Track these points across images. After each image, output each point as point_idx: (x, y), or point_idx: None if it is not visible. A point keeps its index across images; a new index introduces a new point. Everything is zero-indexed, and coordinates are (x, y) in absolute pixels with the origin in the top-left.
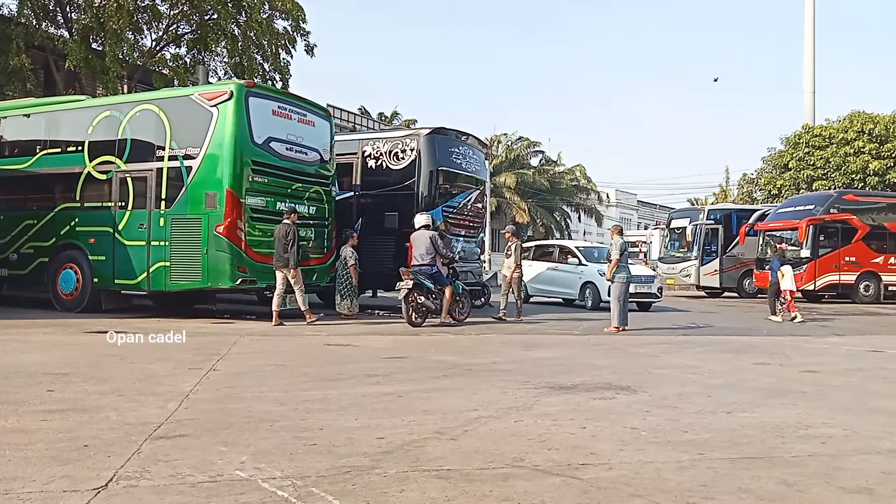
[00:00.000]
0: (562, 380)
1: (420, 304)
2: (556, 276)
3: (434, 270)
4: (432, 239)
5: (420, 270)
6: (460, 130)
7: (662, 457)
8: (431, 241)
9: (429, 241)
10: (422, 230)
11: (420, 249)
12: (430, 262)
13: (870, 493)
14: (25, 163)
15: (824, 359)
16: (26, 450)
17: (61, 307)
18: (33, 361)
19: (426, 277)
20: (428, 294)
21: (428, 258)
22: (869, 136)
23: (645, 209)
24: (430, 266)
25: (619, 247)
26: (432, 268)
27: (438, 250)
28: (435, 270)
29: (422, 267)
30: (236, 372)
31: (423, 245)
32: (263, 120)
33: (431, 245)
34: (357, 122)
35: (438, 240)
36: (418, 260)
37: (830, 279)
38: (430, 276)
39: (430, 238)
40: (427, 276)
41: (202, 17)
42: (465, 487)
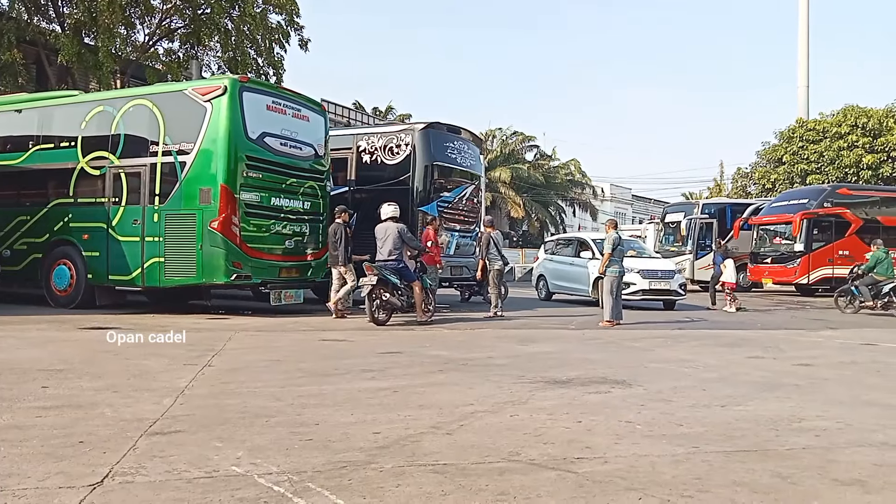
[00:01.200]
0: (557, 374)
1: (385, 301)
2: (570, 271)
3: (401, 265)
4: (400, 231)
5: (385, 265)
6: (455, 125)
7: (657, 450)
8: (399, 233)
9: (396, 234)
10: (388, 222)
11: (386, 243)
12: (397, 257)
13: (862, 484)
14: (18, 158)
15: (818, 352)
16: (21, 446)
17: (55, 303)
18: (27, 358)
19: (392, 272)
20: (394, 290)
21: (395, 252)
22: (862, 130)
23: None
24: (396, 261)
25: (611, 241)
26: (398, 262)
27: (408, 243)
28: (401, 265)
29: (387, 262)
30: (232, 367)
31: (390, 238)
32: (258, 115)
33: (399, 238)
34: (352, 116)
35: (406, 232)
36: (384, 254)
37: (824, 273)
38: (397, 270)
39: (397, 230)
40: (393, 271)
41: (195, 12)
42: (460, 482)
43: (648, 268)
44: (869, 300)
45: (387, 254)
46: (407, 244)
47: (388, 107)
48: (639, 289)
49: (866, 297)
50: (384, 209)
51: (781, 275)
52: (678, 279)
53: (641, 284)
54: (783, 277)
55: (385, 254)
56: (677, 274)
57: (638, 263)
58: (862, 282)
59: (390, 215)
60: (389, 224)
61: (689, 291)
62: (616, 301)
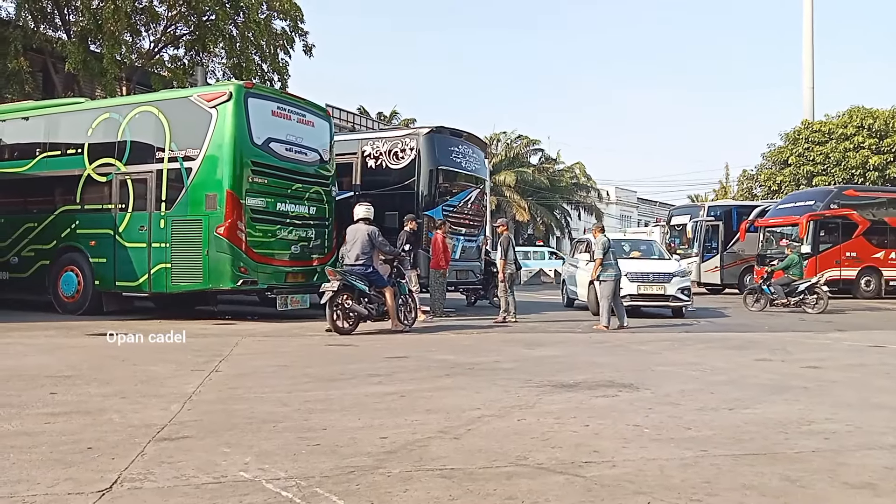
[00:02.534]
0: (564, 378)
1: (348, 309)
2: (573, 274)
3: (369, 270)
4: (370, 234)
5: (352, 270)
6: (460, 129)
7: (665, 454)
8: (369, 236)
9: (365, 237)
10: (359, 223)
11: (355, 246)
12: (365, 262)
13: (873, 488)
14: (25, 166)
15: (826, 354)
16: (30, 452)
17: (63, 310)
18: (35, 364)
19: (359, 278)
20: (361, 297)
21: (363, 257)
22: (869, 131)
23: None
24: (364, 266)
25: (601, 245)
26: (367, 267)
27: (379, 247)
28: (370, 270)
29: (354, 266)
30: (239, 373)
31: (359, 241)
32: (263, 121)
33: (368, 241)
34: (356, 121)
35: (378, 235)
36: (351, 258)
37: (831, 274)
38: (365, 276)
39: (367, 233)
40: (360, 276)
41: (200, 18)
42: (468, 486)
43: (638, 270)
44: (783, 298)
45: (354, 258)
46: (378, 248)
47: (393, 111)
48: (625, 293)
49: (780, 295)
50: (356, 209)
51: None
52: (678, 283)
53: (629, 289)
54: None
55: (352, 258)
56: (677, 277)
57: (627, 266)
58: (777, 281)
59: (361, 216)
60: (360, 226)
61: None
62: (618, 304)
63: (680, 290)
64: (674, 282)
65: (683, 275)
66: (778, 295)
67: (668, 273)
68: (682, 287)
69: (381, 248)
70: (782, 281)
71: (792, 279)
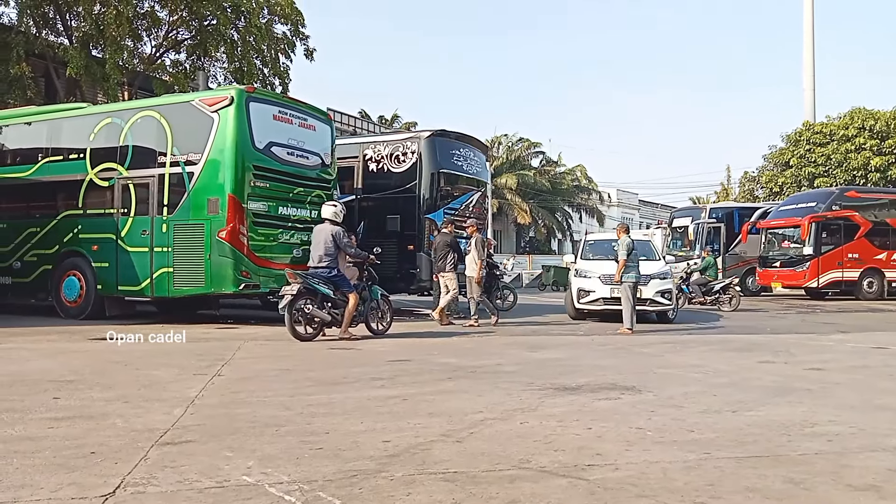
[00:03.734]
0: (566, 381)
1: (308, 314)
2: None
3: (333, 273)
4: (334, 235)
5: (316, 273)
6: (461, 132)
7: (668, 456)
8: (333, 237)
9: (329, 237)
10: (324, 224)
11: (317, 248)
12: (329, 264)
13: (877, 490)
14: (27, 171)
15: (829, 356)
16: (34, 457)
17: (65, 314)
18: (38, 369)
19: (323, 282)
20: (324, 302)
21: (326, 259)
22: (870, 133)
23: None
24: (327, 268)
25: (626, 246)
26: (331, 270)
27: (343, 248)
28: (334, 273)
29: (318, 269)
30: (241, 377)
31: (322, 242)
32: (264, 125)
33: (332, 242)
34: (357, 125)
35: (343, 236)
36: (314, 260)
37: (834, 276)
38: (329, 280)
39: (331, 234)
40: (324, 280)
41: (201, 23)
42: (471, 490)
43: (612, 272)
44: (700, 296)
45: (317, 260)
46: (342, 250)
47: (394, 115)
48: (598, 297)
49: (698, 293)
50: (322, 208)
51: (791, 279)
52: (656, 286)
53: (601, 292)
54: (792, 281)
55: (315, 260)
56: (656, 280)
57: (604, 267)
58: (695, 281)
59: (327, 216)
60: (324, 226)
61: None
62: (633, 308)
63: (659, 293)
64: (651, 285)
65: (664, 277)
66: (696, 294)
67: (645, 276)
68: (661, 290)
69: (344, 250)
70: (700, 281)
71: (708, 280)
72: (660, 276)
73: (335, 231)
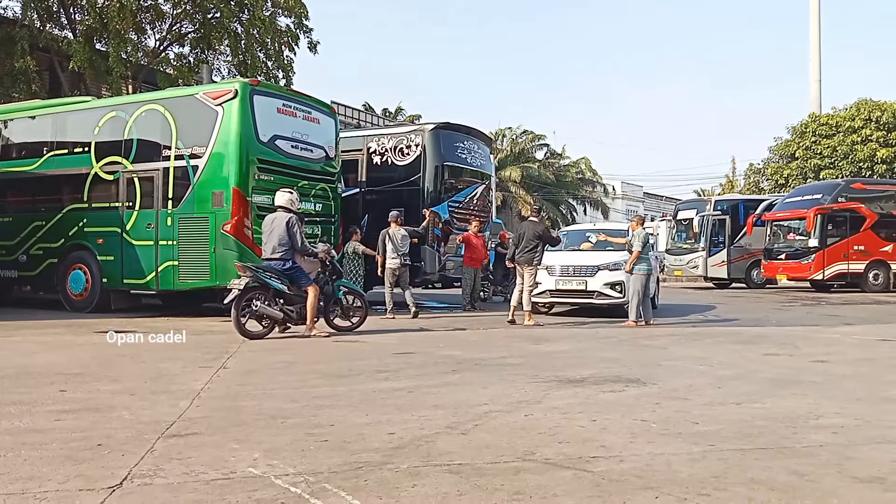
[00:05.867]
0: (571, 373)
1: (256, 311)
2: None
3: (287, 266)
4: (288, 224)
5: (269, 266)
6: (465, 125)
7: (673, 449)
8: (287, 226)
9: (282, 227)
10: (278, 212)
11: (271, 238)
12: (283, 256)
13: (882, 482)
14: (33, 164)
15: (834, 348)
16: (41, 449)
17: (71, 308)
18: (45, 362)
19: (275, 275)
20: (276, 298)
21: (280, 250)
22: (876, 124)
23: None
24: (281, 260)
25: (641, 238)
26: (285, 262)
27: (291, 238)
28: (288, 266)
29: (271, 261)
30: (247, 369)
31: (276, 231)
32: (268, 118)
33: (286, 232)
34: (361, 118)
35: (296, 225)
36: (267, 251)
37: (839, 268)
38: (283, 273)
39: (285, 223)
40: (277, 273)
41: (205, 16)
42: (476, 481)
43: (559, 263)
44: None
45: (270, 251)
46: (291, 242)
47: (398, 108)
48: (544, 289)
49: None
50: (277, 195)
51: (796, 271)
52: (605, 277)
53: (547, 283)
54: (798, 273)
55: (268, 251)
56: (604, 271)
57: (554, 258)
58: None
59: (280, 203)
60: (277, 214)
61: (702, 289)
62: (645, 301)
63: (608, 285)
64: (599, 276)
65: (616, 267)
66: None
67: (592, 266)
68: (610, 282)
69: (293, 243)
70: None
71: None
72: (611, 266)
73: (290, 219)
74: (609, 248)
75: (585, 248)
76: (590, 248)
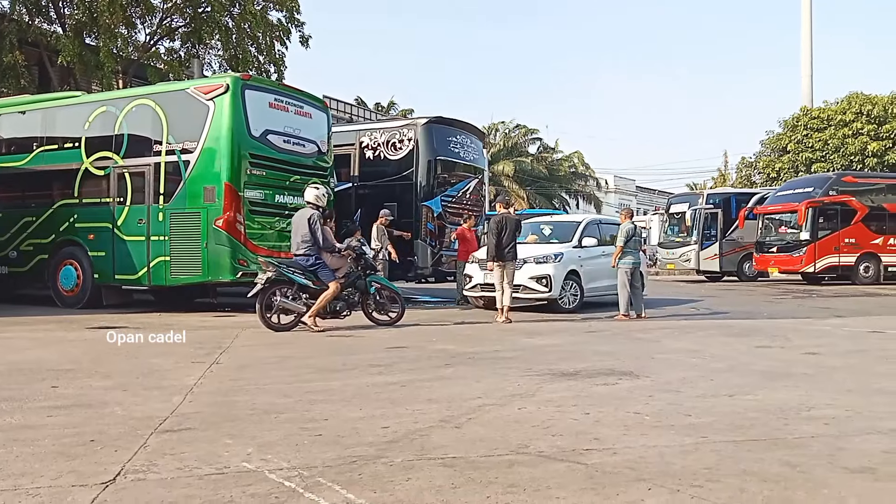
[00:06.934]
0: (564, 366)
1: (278, 305)
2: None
3: (310, 262)
4: (309, 220)
5: (295, 261)
6: (458, 119)
7: (666, 441)
8: (308, 222)
9: (305, 223)
10: (305, 208)
11: (296, 234)
12: (308, 251)
13: (872, 472)
14: (22, 160)
15: (825, 340)
16: (34, 446)
17: (62, 304)
18: (36, 358)
19: (300, 271)
20: (300, 292)
21: (304, 246)
22: (867, 118)
23: (644, 195)
24: (305, 256)
25: (625, 232)
26: (308, 258)
27: (314, 236)
28: (311, 262)
29: (297, 256)
30: (240, 365)
31: (300, 228)
32: (260, 113)
33: (308, 228)
34: (354, 112)
35: (317, 222)
36: (294, 247)
37: (830, 261)
38: (307, 268)
39: (307, 219)
40: (302, 268)
41: (195, 10)
42: (470, 475)
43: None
44: None
45: (295, 247)
46: (312, 235)
47: (391, 102)
48: (475, 283)
49: None
50: (305, 191)
51: (787, 264)
52: (530, 270)
53: (477, 278)
54: (789, 266)
55: (294, 247)
56: (530, 264)
57: (482, 251)
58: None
59: (307, 199)
60: (304, 210)
61: (695, 282)
62: (636, 292)
63: (534, 278)
64: (524, 269)
65: (544, 260)
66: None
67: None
68: (536, 275)
69: (315, 237)
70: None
71: None
72: (539, 259)
73: (310, 216)
74: (552, 241)
75: (529, 241)
76: (534, 240)
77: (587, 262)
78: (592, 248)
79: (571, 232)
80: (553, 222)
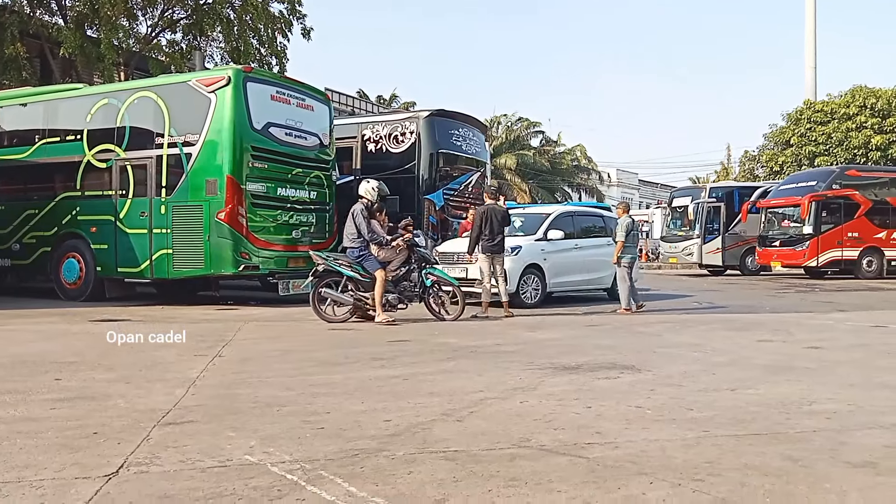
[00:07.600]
0: (566, 360)
1: (326, 298)
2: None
3: (358, 254)
4: (352, 213)
5: (346, 254)
6: (460, 112)
7: (667, 435)
8: (351, 215)
9: (350, 217)
10: (358, 203)
11: (347, 227)
12: (354, 243)
13: (874, 466)
14: (25, 152)
15: (828, 335)
16: (36, 438)
17: (65, 296)
18: (40, 350)
19: (347, 263)
20: (350, 284)
21: (349, 238)
22: (871, 111)
23: (646, 188)
24: (352, 248)
25: (624, 227)
26: (355, 250)
27: (357, 227)
28: (359, 254)
29: (348, 249)
30: (242, 357)
31: (349, 221)
32: (262, 105)
33: (352, 221)
34: (356, 105)
35: (362, 214)
36: (344, 240)
37: (833, 255)
38: (355, 260)
39: (351, 212)
40: (349, 260)
41: (197, 2)
42: (472, 468)
43: (446, 250)
44: None
45: (346, 240)
46: (356, 227)
47: (393, 95)
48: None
49: None
50: (360, 186)
51: (790, 257)
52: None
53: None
54: (792, 260)
55: (345, 240)
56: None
57: (447, 246)
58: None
59: (360, 193)
60: (355, 205)
61: (697, 276)
62: (632, 286)
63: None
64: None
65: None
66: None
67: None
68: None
69: (359, 229)
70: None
71: None
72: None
73: (355, 209)
74: (517, 234)
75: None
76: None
77: (553, 256)
78: (560, 242)
79: (537, 225)
80: (524, 214)
